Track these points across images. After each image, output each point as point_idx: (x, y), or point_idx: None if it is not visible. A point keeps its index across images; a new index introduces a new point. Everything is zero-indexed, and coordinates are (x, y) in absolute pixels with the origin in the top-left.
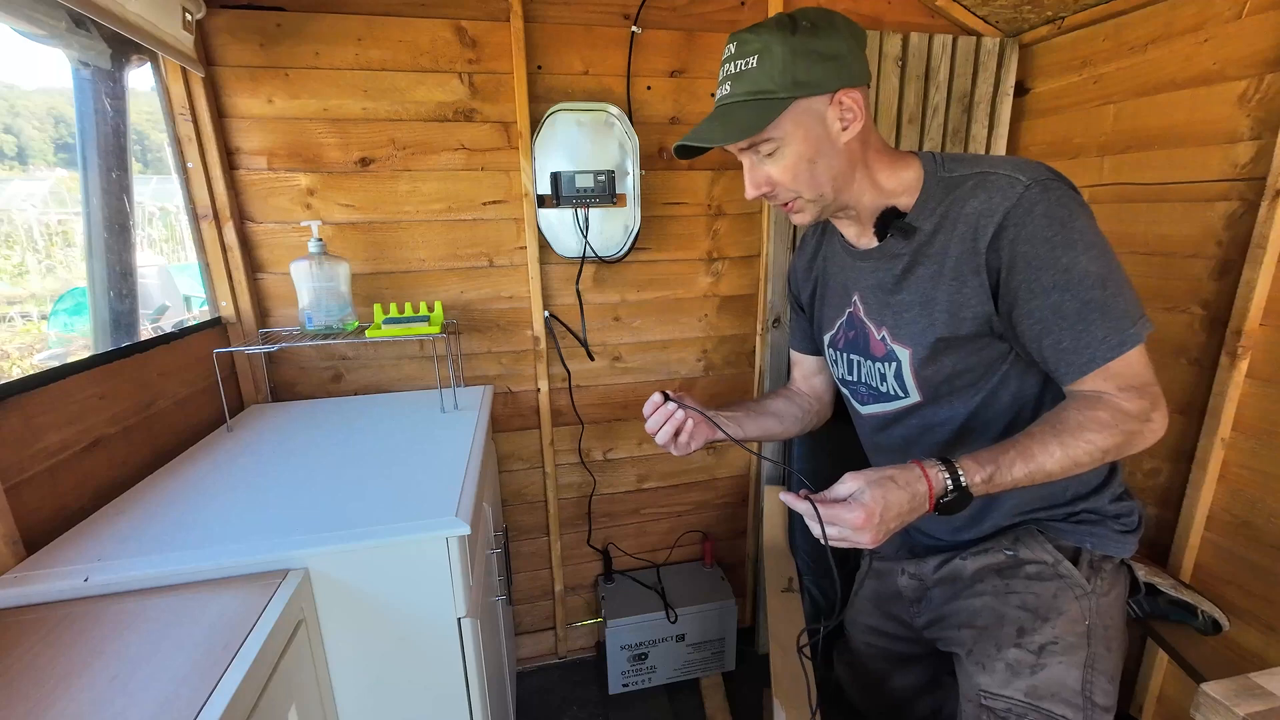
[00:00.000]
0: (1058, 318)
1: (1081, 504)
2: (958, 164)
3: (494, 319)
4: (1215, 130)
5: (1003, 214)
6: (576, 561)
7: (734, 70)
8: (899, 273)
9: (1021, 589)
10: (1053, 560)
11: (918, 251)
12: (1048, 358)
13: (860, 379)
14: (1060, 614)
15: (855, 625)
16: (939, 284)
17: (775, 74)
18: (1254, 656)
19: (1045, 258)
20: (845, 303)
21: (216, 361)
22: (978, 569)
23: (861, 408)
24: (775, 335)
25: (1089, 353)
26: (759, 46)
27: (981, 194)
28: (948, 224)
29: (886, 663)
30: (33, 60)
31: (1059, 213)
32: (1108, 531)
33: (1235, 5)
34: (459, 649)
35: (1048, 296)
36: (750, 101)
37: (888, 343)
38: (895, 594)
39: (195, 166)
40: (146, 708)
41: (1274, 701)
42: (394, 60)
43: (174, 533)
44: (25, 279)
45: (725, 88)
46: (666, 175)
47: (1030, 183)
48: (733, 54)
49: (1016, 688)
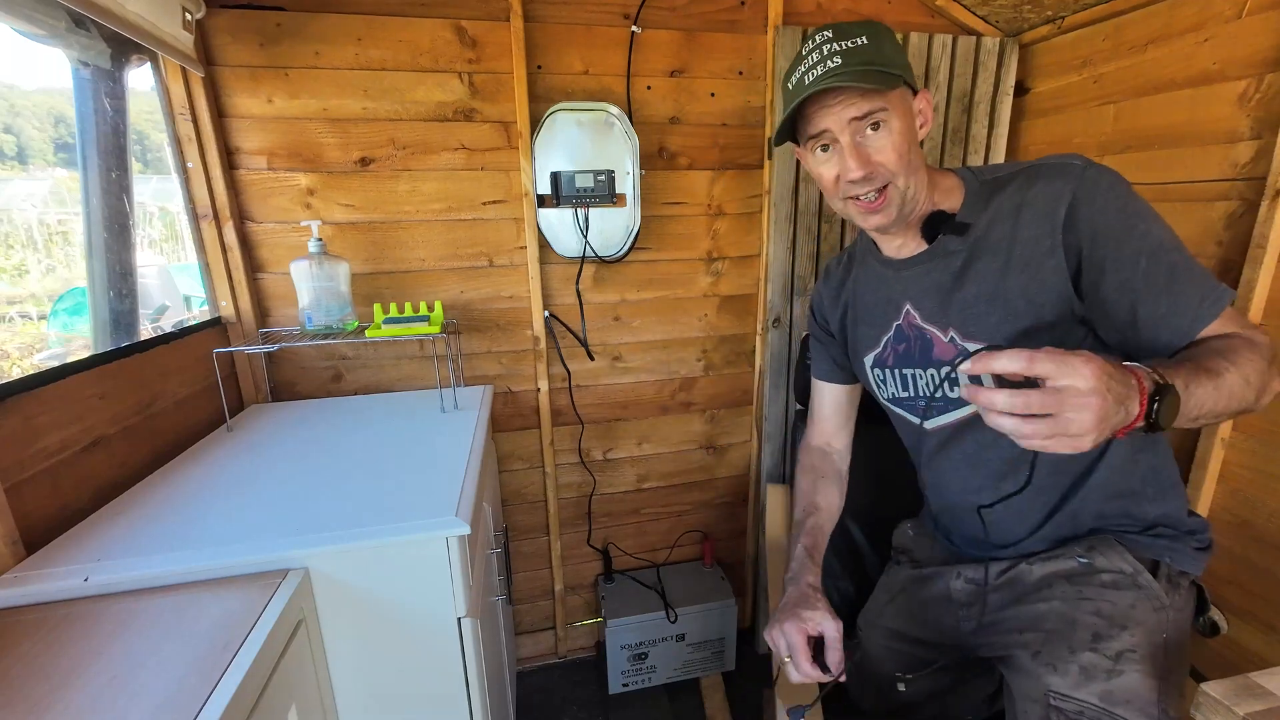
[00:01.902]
0: (1148, 284)
1: (1160, 518)
2: (994, 170)
3: (494, 319)
4: (1215, 130)
5: (1071, 193)
6: (576, 561)
7: (840, 47)
8: (957, 269)
9: (1096, 596)
10: (1132, 570)
11: (975, 246)
12: (1143, 329)
13: (918, 393)
14: (1139, 624)
15: (874, 628)
16: (1007, 274)
17: (887, 54)
18: (1254, 656)
19: (1123, 227)
20: (892, 317)
21: (216, 361)
22: (1045, 575)
23: (926, 423)
24: (775, 335)
25: (1190, 313)
26: (864, 31)
27: (1040, 181)
28: (1004, 215)
29: (900, 667)
30: (33, 60)
31: (1121, 188)
32: (1185, 548)
33: (1235, 5)
34: (459, 649)
35: (1136, 264)
36: (867, 70)
37: (958, 342)
38: (942, 598)
39: (195, 166)
40: (146, 708)
41: (1274, 701)
42: (394, 60)
43: (174, 532)
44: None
45: (833, 60)
46: (666, 175)
47: (1084, 164)
48: (831, 37)
49: (1090, 691)
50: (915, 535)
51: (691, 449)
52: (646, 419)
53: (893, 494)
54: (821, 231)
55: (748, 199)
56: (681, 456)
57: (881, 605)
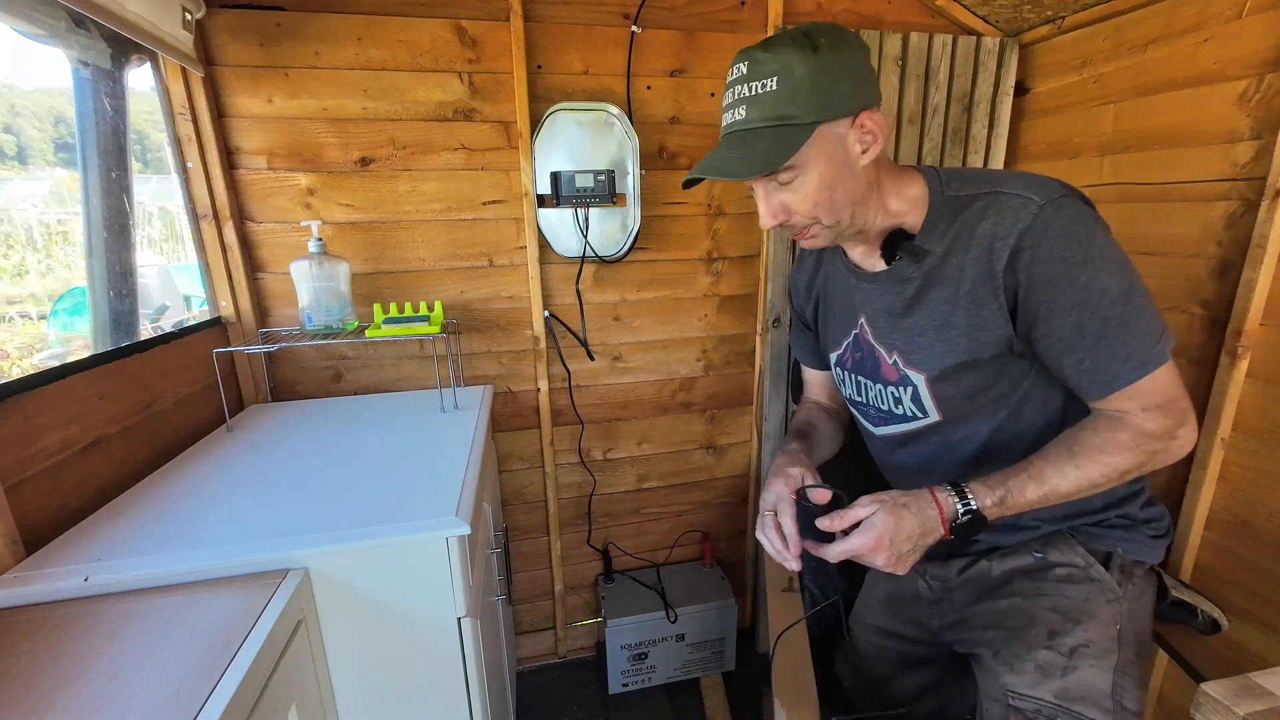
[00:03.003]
0: (1078, 337)
1: (1114, 510)
2: (964, 182)
3: (494, 319)
4: (1215, 130)
5: (1018, 235)
6: (576, 561)
7: (748, 93)
8: (910, 296)
9: (1052, 591)
10: (1084, 564)
11: (929, 275)
12: (1069, 377)
13: (869, 401)
14: (1092, 617)
15: (863, 626)
16: (955, 307)
17: (798, 97)
18: (1254, 656)
19: (1063, 277)
20: (851, 324)
21: (216, 361)
22: (1005, 571)
23: (875, 429)
24: (775, 335)
25: (1111, 371)
26: (777, 67)
27: (993, 215)
28: (960, 246)
29: (892, 664)
30: (33, 60)
31: (1076, 230)
32: (1139, 537)
33: (1235, 5)
34: (459, 649)
35: (1068, 316)
36: (771, 128)
37: (900, 368)
38: (913, 596)
39: (195, 166)
40: (146, 707)
41: (1274, 701)
42: (394, 60)
43: (174, 533)
44: (25, 279)
45: (738, 112)
46: (666, 175)
47: (1044, 202)
48: (744, 74)
49: (1047, 689)
50: None
51: (691, 449)
52: (646, 419)
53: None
54: None
55: (748, 199)
56: (681, 456)
57: (867, 602)
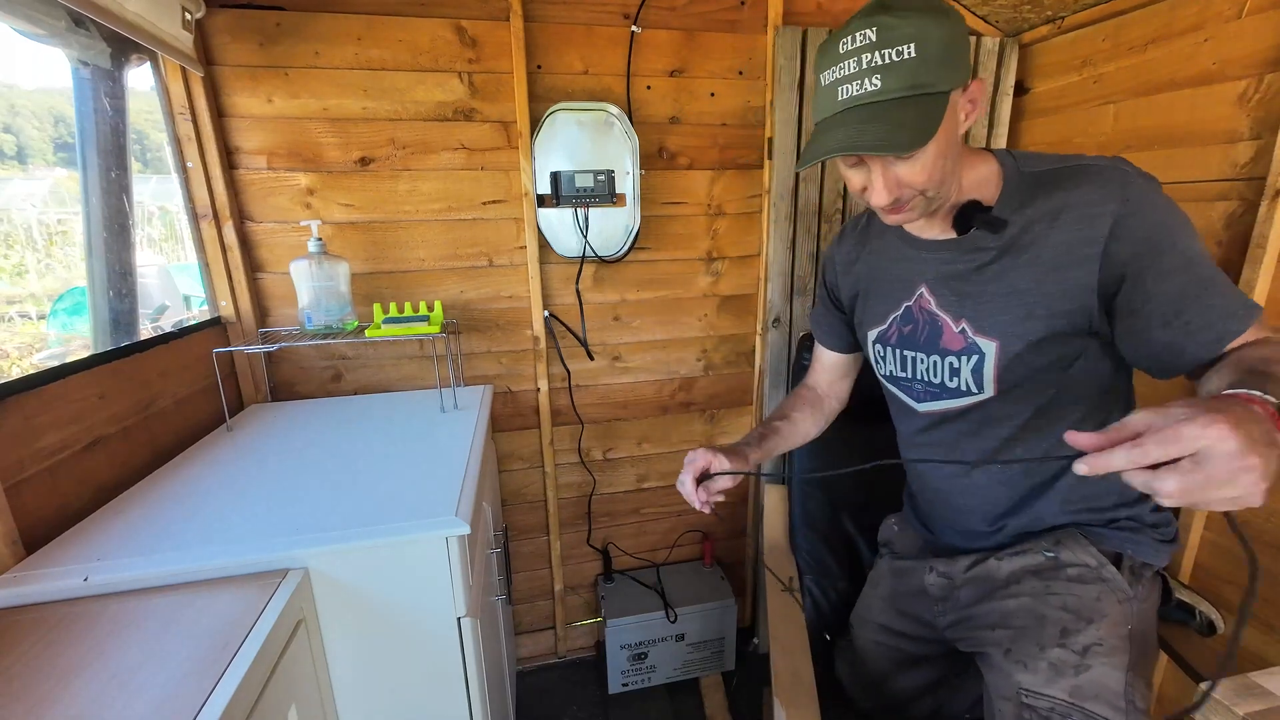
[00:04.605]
0: (1184, 298)
1: (1124, 510)
2: (1036, 161)
3: (494, 319)
4: (1215, 130)
5: (1120, 201)
6: (576, 561)
7: (883, 60)
8: (985, 263)
9: (1063, 590)
10: (1096, 563)
11: (1007, 244)
12: (1173, 340)
13: (916, 375)
14: (1104, 617)
15: (865, 624)
16: (1037, 276)
17: (934, 65)
18: (1254, 656)
19: (1165, 242)
20: (903, 296)
21: (216, 361)
22: (1013, 570)
23: (917, 404)
24: (775, 335)
25: (1221, 326)
26: (913, 32)
27: (1087, 184)
28: (1045, 215)
29: (892, 662)
30: (33, 60)
31: (1164, 199)
32: (1147, 540)
33: (1235, 5)
34: (459, 649)
35: (1173, 278)
36: (913, 98)
37: (969, 335)
38: (918, 592)
39: (195, 166)
40: (146, 707)
41: (1274, 701)
42: (394, 60)
43: (174, 532)
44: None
45: (871, 81)
46: (666, 175)
47: (1133, 171)
48: (874, 41)
49: (1060, 687)
50: (898, 529)
51: (691, 449)
52: (646, 419)
53: (891, 495)
54: (821, 231)
55: (747, 199)
56: (681, 456)
57: (869, 600)
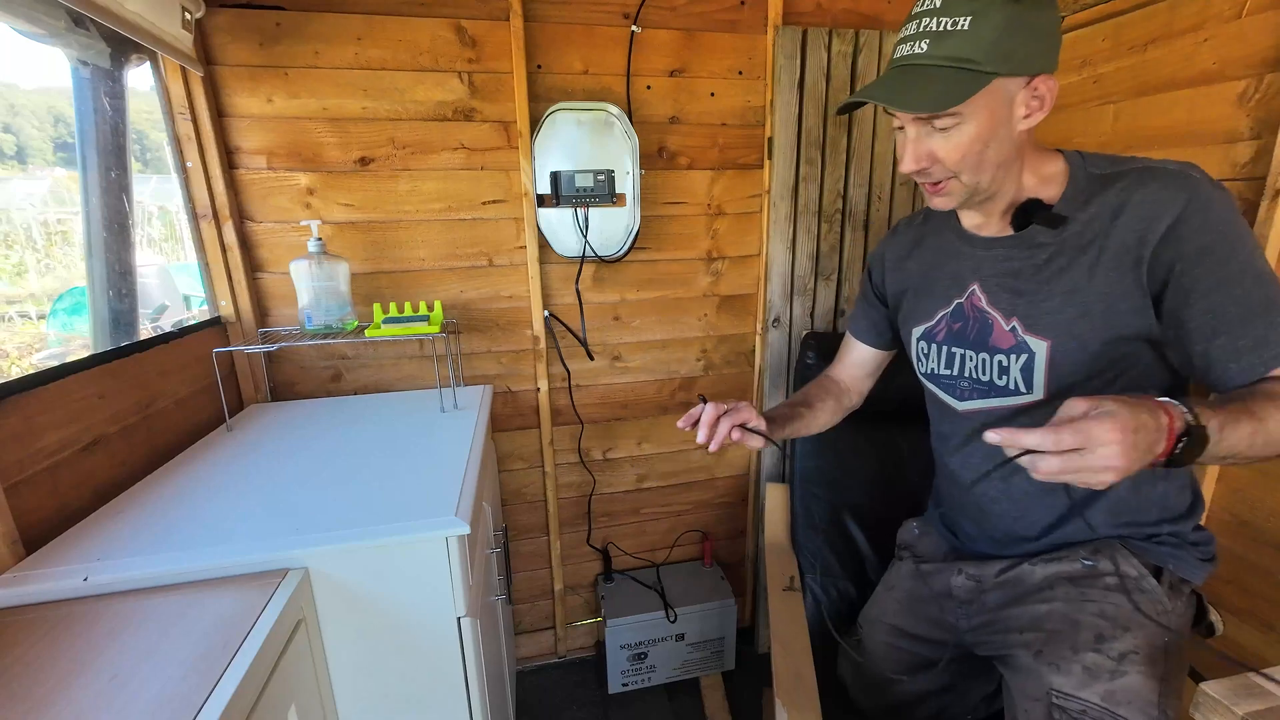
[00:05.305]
0: (1238, 314)
1: (1167, 526)
2: (1105, 162)
3: (494, 318)
4: (1215, 130)
5: (1183, 204)
6: (576, 561)
7: (935, 27)
8: (1041, 262)
9: (1099, 598)
10: (1137, 574)
11: (1067, 242)
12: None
13: (963, 372)
14: (1141, 627)
15: (876, 625)
16: (1095, 275)
17: (985, 44)
18: (1254, 656)
19: (1225, 252)
20: (955, 293)
21: (216, 361)
22: (1047, 576)
23: (959, 404)
24: (775, 335)
25: (1269, 351)
26: (976, 7)
27: (1154, 185)
28: (1107, 213)
29: (901, 664)
30: (32, 59)
31: (1233, 210)
32: (1188, 557)
33: (1235, 5)
34: (459, 648)
35: (1231, 289)
36: (950, 69)
37: (1019, 334)
38: (943, 594)
39: (195, 166)
40: (146, 707)
41: (1274, 701)
42: (394, 59)
43: (173, 532)
44: (25, 278)
45: (919, 45)
46: (666, 175)
47: (1202, 177)
48: (937, 7)
49: (1094, 690)
50: (920, 533)
51: (691, 448)
52: (646, 419)
53: (894, 495)
54: (821, 231)
55: (747, 199)
56: (681, 456)
57: (883, 601)
